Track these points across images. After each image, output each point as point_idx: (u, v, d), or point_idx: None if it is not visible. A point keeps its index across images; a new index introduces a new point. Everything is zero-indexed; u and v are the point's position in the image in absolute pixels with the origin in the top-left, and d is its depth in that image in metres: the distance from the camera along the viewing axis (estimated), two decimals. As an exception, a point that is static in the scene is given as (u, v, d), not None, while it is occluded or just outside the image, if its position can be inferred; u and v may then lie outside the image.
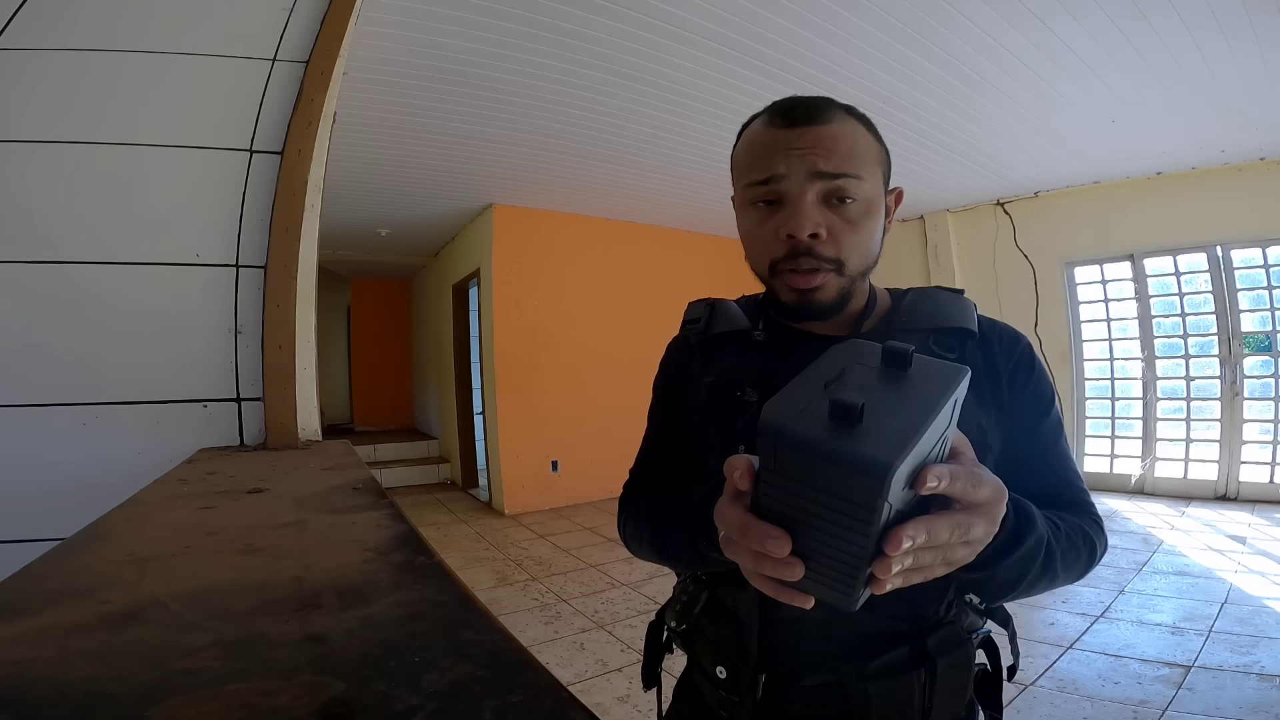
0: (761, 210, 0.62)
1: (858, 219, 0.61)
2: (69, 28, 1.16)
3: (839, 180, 0.59)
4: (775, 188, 0.60)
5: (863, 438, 0.32)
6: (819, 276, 0.60)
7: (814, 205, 0.59)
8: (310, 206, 1.23)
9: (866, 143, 0.62)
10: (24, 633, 0.40)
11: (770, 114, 0.63)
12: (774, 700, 0.60)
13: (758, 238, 0.63)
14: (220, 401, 1.19)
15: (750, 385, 0.64)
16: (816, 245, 0.59)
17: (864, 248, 0.62)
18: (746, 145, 0.64)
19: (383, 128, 3.24)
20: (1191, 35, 2.57)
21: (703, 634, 0.65)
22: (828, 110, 0.61)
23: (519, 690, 0.33)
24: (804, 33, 2.49)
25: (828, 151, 0.59)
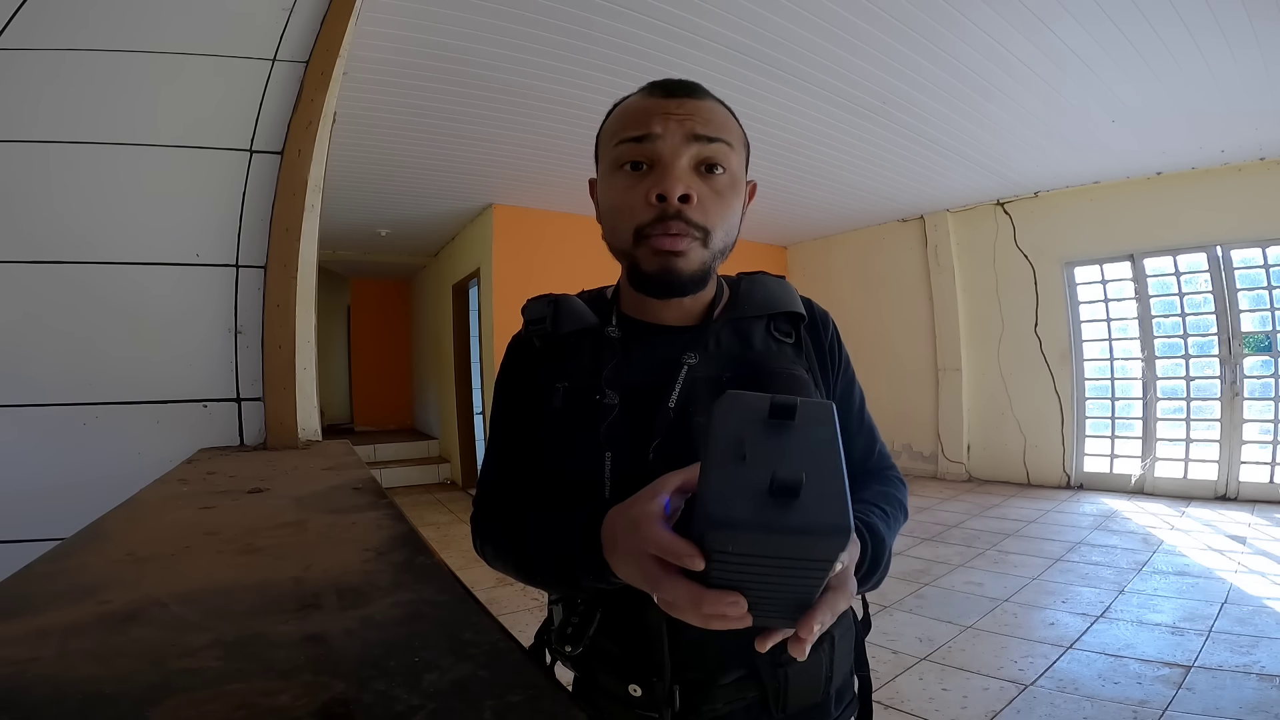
0: (629, 175, 0.62)
1: (725, 191, 0.62)
2: (68, 28, 1.16)
3: (714, 144, 0.60)
4: (649, 147, 0.60)
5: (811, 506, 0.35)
6: (684, 241, 0.60)
7: (686, 169, 0.60)
8: (310, 206, 1.23)
9: (735, 126, 0.65)
10: (24, 633, 0.40)
11: (647, 88, 0.65)
12: (694, 705, 0.59)
13: (624, 203, 0.62)
14: (220, 401, 1.19)
15: (609, 386, 0.62)
16: (687, 210, 0.59)
17: (728, 222, 0.63)
18: (620, 113, 0.65)
19: (383, 128, 3.24)
20: (1191, 36, 2.57)
21: (603, 654, 0.62)
22: (702, 90, 0.64)
23: (519, 690, 0.33)
24: (806, 34, 2.49)
25: (705, 119, 0.61)
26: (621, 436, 0.60)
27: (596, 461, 0.60)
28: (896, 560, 3.33)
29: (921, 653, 2.28)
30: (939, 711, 1.89)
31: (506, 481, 0.71)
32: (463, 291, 5.93)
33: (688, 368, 0.63)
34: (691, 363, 0.63)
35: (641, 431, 0.60)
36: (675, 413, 0.60)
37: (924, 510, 4.42)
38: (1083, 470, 4.85)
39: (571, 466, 0.63)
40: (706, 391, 0.61)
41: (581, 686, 0.67)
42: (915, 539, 3.73)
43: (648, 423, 0.60)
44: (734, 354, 0.65)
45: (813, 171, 4.25)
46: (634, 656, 0.60)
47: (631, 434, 0.60)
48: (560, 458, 0.64)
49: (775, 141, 3.63)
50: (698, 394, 0.61)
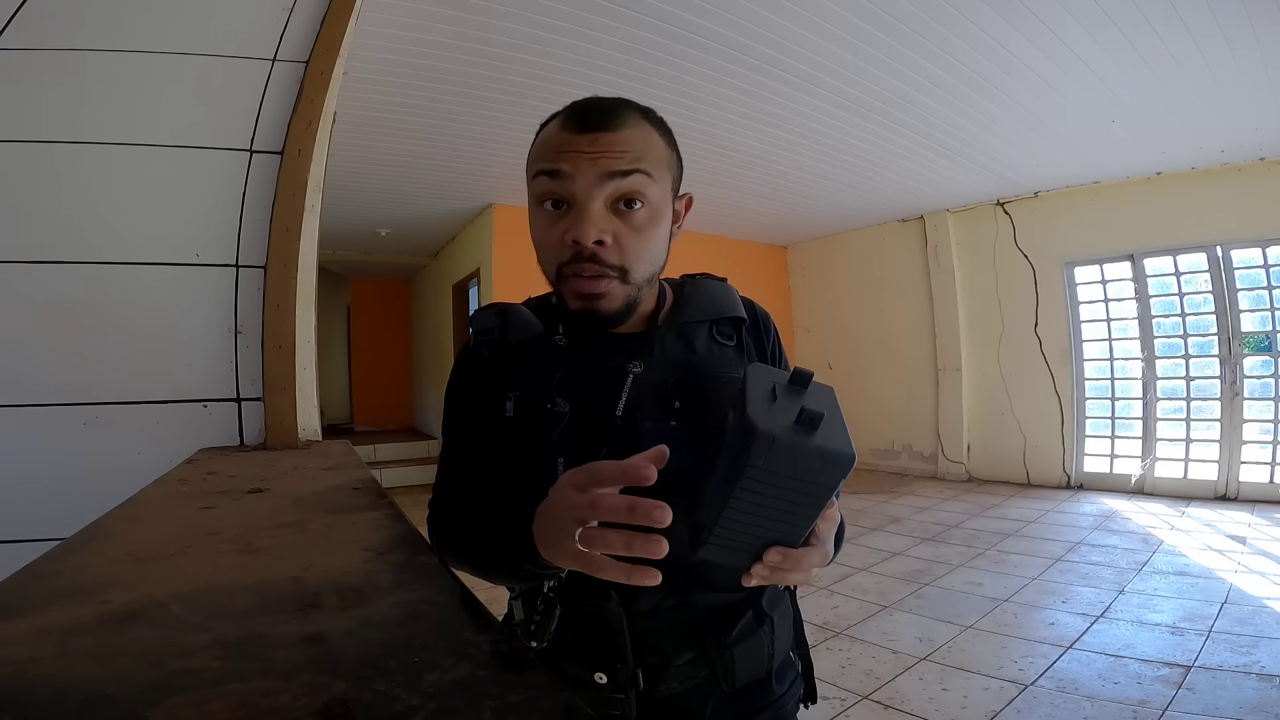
0: (549, 213, 0.62)
1: (643, 226, 0.62)
2: (68, 28, 1.16)
3: (630, 177, 0.60)
4: (563, 185, 0.60)
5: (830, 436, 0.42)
6: (603, 283, 0.61)
7: (601, 211, 0.60)
8: (310, 206, 1.23)
9: (659, 148, 0.64)
10: (24, 633, 0.40)
11: (564, 116, 0.63)
12: (653, 685, 0.64)
13: (546, 240, 0.63)
14: (220, 401, 1.19)
15: (559, 395, 0.64)
16: (601, 252, 0.60)
17: (649, 255, 0.63)
18: (539, 144, 0.65)
19: (383, 128, 3.24)
20: (1192, 36, 2.57)
21: (567, 647, 0.65)
22: (622, 114, 0.62)
23: (519, 690, 0.33)
24: (806, 34, 2.49)
25: (619, 153, 0.60)
26: (573, 444, 0.63)
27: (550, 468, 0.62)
28: (897, 560, 3.34)
29: (921, 653, 2.28)
30: (939, 711, 1.89)
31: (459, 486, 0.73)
32: (463, 291, 5.93)
33: (633, 376, 0.65)
34: (636, 371, 0.65)
35: (592, 439, 0.63)
36: (623, 420, 0.63)
37: (924, 510, 4.42)
38: (1083, 470, 4.85)
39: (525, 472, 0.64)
40: (652, 398, 0.64)
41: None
42: (915, 539, 3.73)
43: (597, 430, 0.63)
44: (678, 359, 0.67)
45: (813, 171, 4.25)
46: (596, 647, 0.64)
47: (582, 441, 0.63)
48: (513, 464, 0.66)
49: (775, 141, 3.63)
50: (643, 401, 0.64)
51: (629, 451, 0.58)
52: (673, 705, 0.65)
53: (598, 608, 0.63)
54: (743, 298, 0.75)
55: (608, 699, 0.63)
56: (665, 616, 0.64)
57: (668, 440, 0.59)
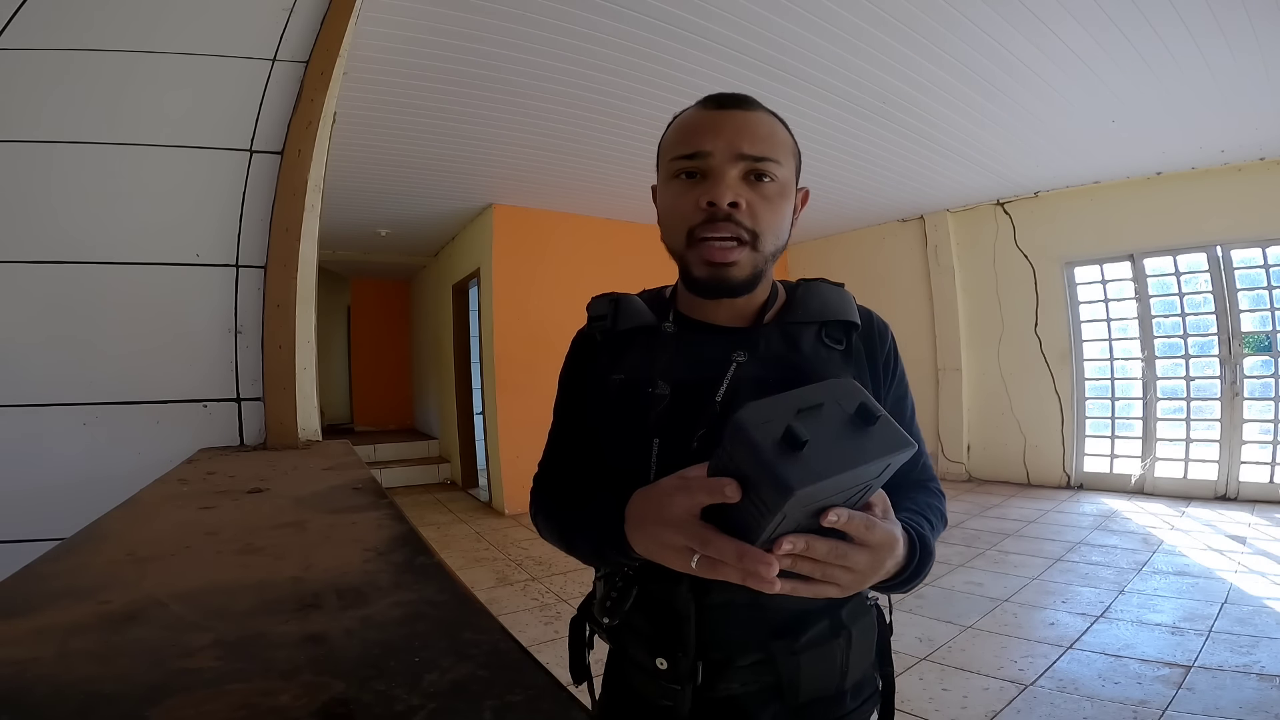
0: (684, 182, 0.65)
1: (774, 197, 0.65)
2: (68, 28, 1.16)
3: (760, 162, 0.64)
4: (700, 163, 0.64)
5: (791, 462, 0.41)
6: (735, 251, 0.63)
7: (735, 179, 0.63)
8: (310, 206, 1.23)
9: (784, 136, 0.68)
10: (24, 633, 0.40)
11: (702, 102, 0.68)
12: (711, 682, 0.63)
13: (677, 208, 0.66)
14: (220, 401, 1.19)
15: (661, 378, 0.66)
16: (736, 214, 0.63)
17: (777, 226, 0.66)
18: (677, 127, 0.69)
19: (383, 128, 3.24)
20: (1192, 36, 2.57)
21: (634, 629, 0.67)
22: (753, 102, 0.68)
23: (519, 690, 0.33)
24: (806, 34, 2.49)
25: (752, 135, 0.64)
26: (669, 425, 0.64)
27: (645, 447, 0.64)
28: (896, 560, 3.33)
29: (921, 653, 2.28)
30: (939, 711, 1.89)
31: (562, 462, 0.77)
32: (463, 291, 5.93)
33: (736, 365, 0.66)
34: (740, 360, 0.66)
35: (688, 421, 0.64)
36: (721, 405, 0.64)
37: (924, 510, 4.41)
38: (1083, 470, 4.85)
39: (622, 451, 0.67)
40: (751, 389, 0.65)
41: (615, 658, 0.73)
42: (915, 539, 3.72)
43: (694, 413, 0.64)
44: (781, 356, 0.68)
45: (813, 171, 4.24)
46: (663, 633, 0.64)
47: (678, 423, 0.64)
48: (613, 442, 0.69)
49: (775, 141, 3.63)
50: (743, 391, 0.65)
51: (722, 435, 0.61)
52: (730, 706, 0.64)
53: (669, 593, 0.63)
54: (861, 307, 0.74)
55: (664, 688, 0.64)
56: (736, 613, 0.62)
57: None
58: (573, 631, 0.76)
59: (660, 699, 0.64)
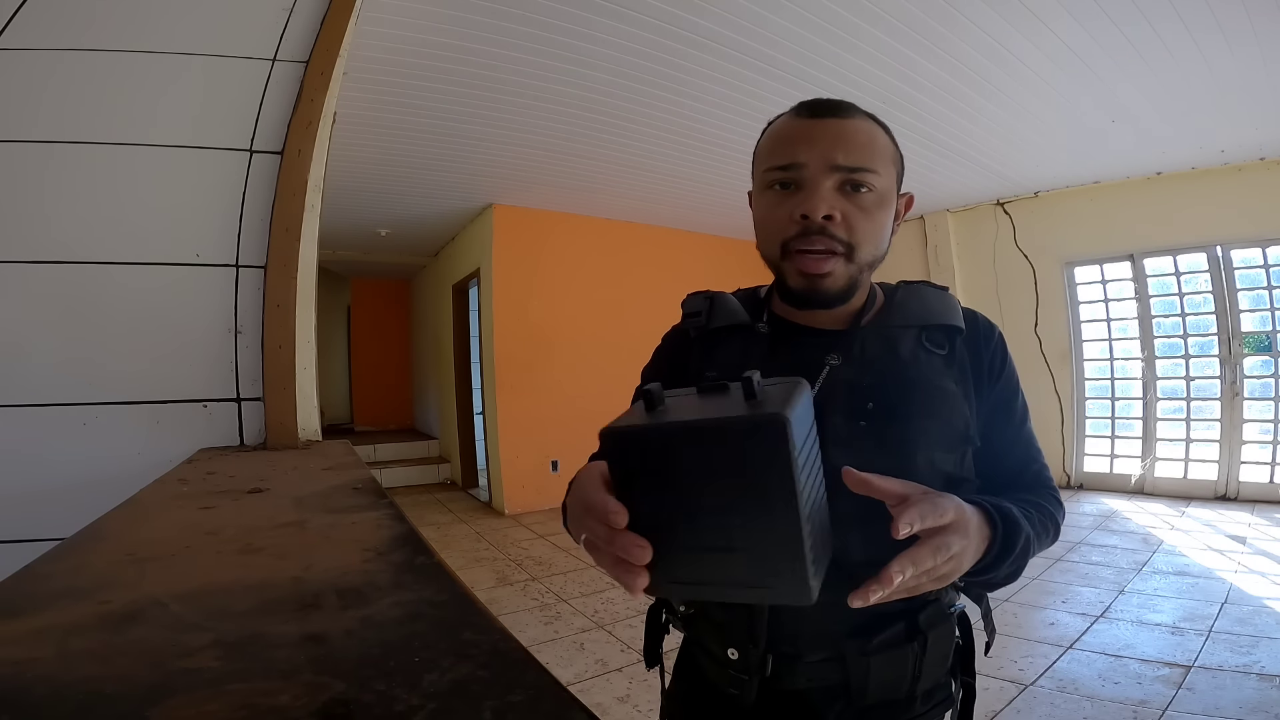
0: (778, 193, 0.64)
1: (871, 208, 0.63)
2: (68, 28, 1.16)
3: (856, 174, 0.62)
4: (794, 174, 0.63)
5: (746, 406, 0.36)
6: (829, 262, 0.62)
7: (830, 190, 0.62)
8: (310, 206, 1.23)
9: (884, 142, 0.65)
10: (24, 633, 0.40)
11: (796, 109, 0.66)
12: (779, 675, 0.63)
13: (772, 219, 0.65)
14: (220, 401, 1.19)
15: None
16: (830, 227, 0.62)
17: (876, 237, 0.64)
18: (771, 135, 0.68)
19: (382, 128, 3.23)
20: (1191, 35, 2.57)
21: (709, 618, 0.67)
22: (850, 109, 0.65)
23: (519, 690, 0.33)
24: (805, 33, 2.49)
25: (847, 145, 0.62)
26: None
27: None
28: (896, 560, 3.33)
29: (921, 653, 2.28)
30: None
31: None
32: (463, 291, 5.93)
33: (830, 368, 0.65)
34: (834, 364, 0.65)
35: None
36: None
37: (924, 510, 4.41)
38: (1083, 470, 4.85)
39: None
40: (845, 394, 0.64)
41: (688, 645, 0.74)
42: (915, 539, 3.72)
43: None
44: (879, 361, 0.66)
45: (813, 171, 4.24)
46: (736, 624, 0.64)
47: None
48: None
49: (775, 141, 3.63)
50: (837, 394, 0.64)
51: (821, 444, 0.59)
52: (796, 700, 0.64)
53: None
54: (965, 309, 0.72)
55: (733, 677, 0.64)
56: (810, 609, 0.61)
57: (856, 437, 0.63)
58: (650, 618, 0.77)
59: (728, 687, 0.65)
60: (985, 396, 0.69)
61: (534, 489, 4.89)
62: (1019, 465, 0.71)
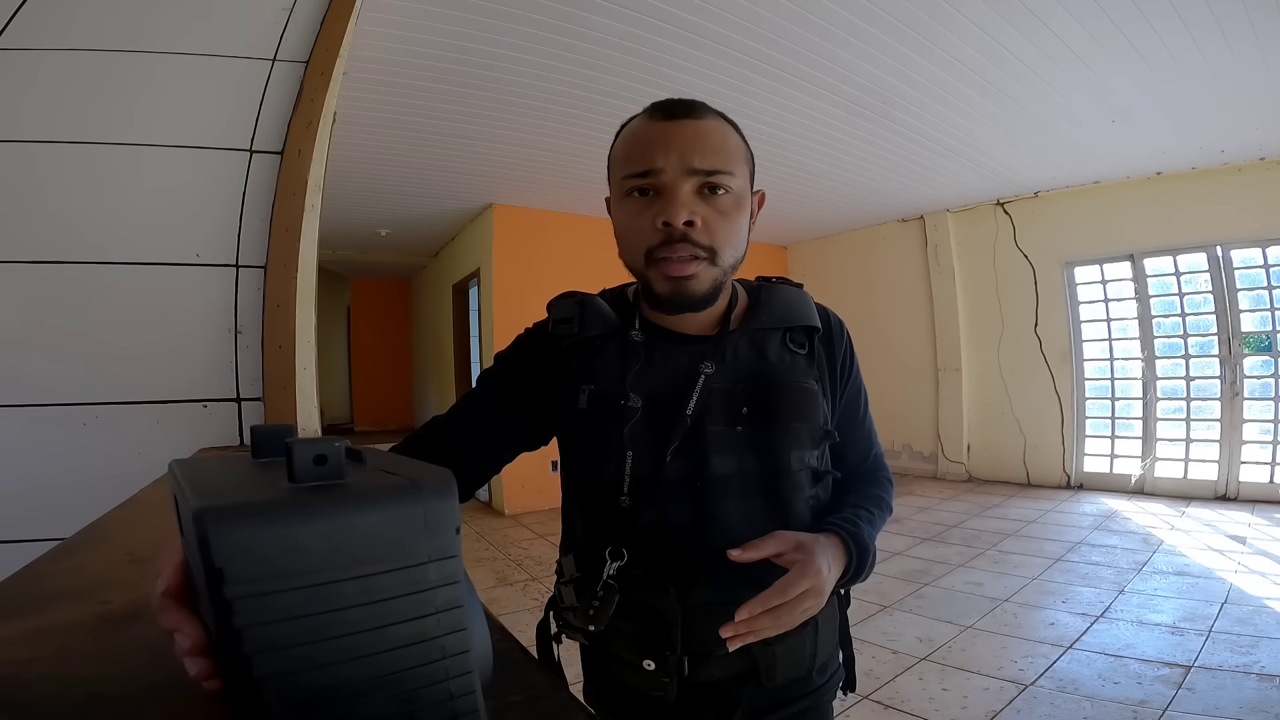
0: (638, 200, 0.64)
1: (729, 210, 0.64)
2: (69, 28, 1.16)
3: (713, 176, 0.63)
4: (652, 180, 0.63)
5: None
6: (693, 265, 0.63)
7: (689, 194, 0.62)
8: (310, 206, 1.23)
9: (736, 142, 0.66)
10: (24, 633, 0.40)
11: (649, 111, 0.66)
12: (695, 671, 0.66)
13: (634, 227, 0.65)
14: (220, 401, 1.19)
15: (633, 390, 0.66)
16: (691, 233, 0.62)
17: (735, 238, 0.66)
18: (625, 139, 0.67)
19: (383, 128, 3.23)
20: (1191, 35, 2.57)
21: (620, 633, 0.67)
22: (702, 109, 0.66)
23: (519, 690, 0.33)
24: (805, 33, 2.49)
25: (703, 147, 0.62)
26: (642, 439, 0.65)
27: (619, 460, 0.65)
28: (897, 560, 3.34)
29: (921, 653, 2.28)
30: (939, 711, 1.89)
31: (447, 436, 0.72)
32: (463, 291, 5.93)
33: (704, 377, 0.66)
34: (708, 373, 0.67)
35: (661, 436, 0.65)
36: (692, 419, 0.65)
37: (924, 510, 4.42)
38: (1083, 470, 4.85)
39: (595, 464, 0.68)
40: (721, 401, 0.66)
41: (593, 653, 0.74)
42: (915, 539, 3.73)
43: (667, 427, 0.65)
44: (749, 365, 0.69)
45: (813, 171, 4.24)
46: (650, 637, 0.65)
47: (652, 437, 0.65)
48: (585, 455, 0.70)
49: (775, 141, 3.62)
50: (712, 403, 0.66)
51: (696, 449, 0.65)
52: (712, 690, 0.67)
53: (656, 600, 0.64)
54: (818, 305, 0.75)
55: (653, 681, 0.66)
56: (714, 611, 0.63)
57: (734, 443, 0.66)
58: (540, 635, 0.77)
59: (650, 690, 0.66)
60: (839, 393, 0.74)
61: (534, 489, 4.89)
62: (861, 453, 0.79)
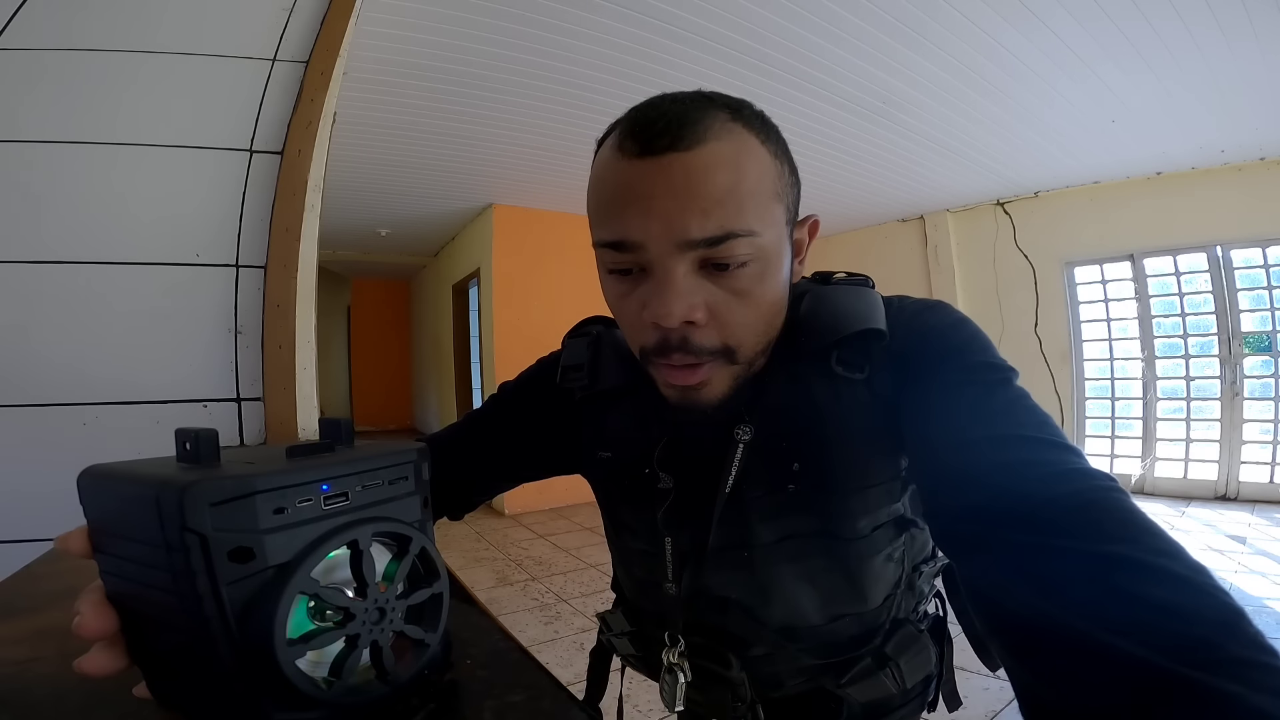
0: (621, 281, 0.46)
1: (750, 288, 0.44)
2: (68, 27, 1.16)
3: (719, 247, 0.42)
4: (630, 258, 0.44)
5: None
6: (702, 371, 0.46)
7: (688, 279, 0.43)
8: (310, 206, 1.23)
9: (760, 168, 0.44)
10: (24, 633, 0.40)
11: (622, 133, 0.44)
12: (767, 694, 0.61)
13: (622, 314, 0.48)
14: (220, 401, 1.19)
15: (662, 470, 0.56)
16: (693, 335, 0.44)
17: (762, 322, 0.47)
18: (596, 184, 0.47)
19: (383, 128, 3.24)
20: (1191, 35, 2.57)
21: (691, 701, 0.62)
22: (702, 121, 0.42)
23: (519, 690, 0.33)
24: (806, 34, 2.49)
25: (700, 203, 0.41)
26: (679, 522, 0.56)
27: (657, 544, 0.58)
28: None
29: (921, 653, 2.28)
30: (939, 711, 1.89)
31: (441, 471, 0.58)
32: (463, 291, 5.93)
33: (742, 447, 0.52)
34: (746, 440, 0.52)
35: (700, 514, 0.55)
36: (731, 493, 0.54)
37: (924, 510, 4.41)
38: (1083, 470, 4.85)
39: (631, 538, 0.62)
40: (764, 465, 0.53)
41: None
42: (915, 539, 3.72)
43: (706, 507, 0.54)
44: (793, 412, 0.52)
45: (812, 171, 4.24)
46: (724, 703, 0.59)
47: (689, 520, 0.56)
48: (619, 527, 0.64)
49: (775, 141, 3.63)
50: (753, 467, 0.53)
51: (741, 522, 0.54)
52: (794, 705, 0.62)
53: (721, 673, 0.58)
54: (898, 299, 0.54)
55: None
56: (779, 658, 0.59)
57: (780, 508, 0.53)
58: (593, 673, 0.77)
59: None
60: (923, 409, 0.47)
61: (534, 489, 4.88)
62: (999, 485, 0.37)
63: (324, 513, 0.30)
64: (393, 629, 0.32)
